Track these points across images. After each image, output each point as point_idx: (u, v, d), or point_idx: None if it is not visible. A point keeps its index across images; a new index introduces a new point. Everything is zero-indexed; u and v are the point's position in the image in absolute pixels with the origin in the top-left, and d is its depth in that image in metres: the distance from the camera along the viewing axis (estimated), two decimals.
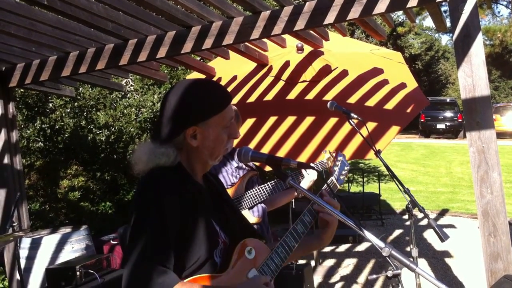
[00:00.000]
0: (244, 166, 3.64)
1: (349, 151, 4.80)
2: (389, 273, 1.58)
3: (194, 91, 1.86)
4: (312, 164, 3.81)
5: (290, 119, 5.35)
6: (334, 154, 2.50)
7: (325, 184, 2.13)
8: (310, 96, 5.32)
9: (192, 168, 1.89)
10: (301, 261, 5.51)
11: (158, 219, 1.65)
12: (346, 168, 2.45)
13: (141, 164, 1.81)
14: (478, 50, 3.55)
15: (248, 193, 3.56)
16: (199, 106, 1.82)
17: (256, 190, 3.58)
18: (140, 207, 1.72)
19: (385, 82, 5.09)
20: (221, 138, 1.87)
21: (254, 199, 3.57)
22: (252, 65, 5.61)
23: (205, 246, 1.75)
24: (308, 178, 3.65)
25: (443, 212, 10.46)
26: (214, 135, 1.84)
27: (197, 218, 1.77)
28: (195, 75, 5.90)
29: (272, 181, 3.65)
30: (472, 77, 3.57)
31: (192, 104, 1.82)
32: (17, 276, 4.60)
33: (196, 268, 1.74)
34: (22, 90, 7.44)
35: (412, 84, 5.06)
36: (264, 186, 3.60)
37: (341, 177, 2.39)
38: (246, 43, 4.89)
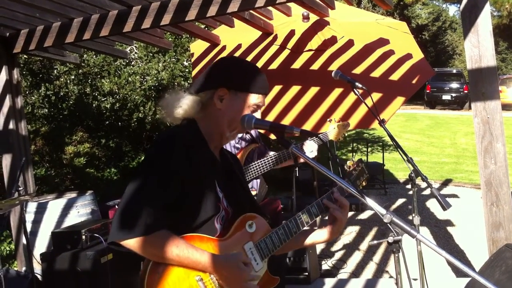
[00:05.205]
0: (247, 137, 3.67)
1: (353, 120, 4.80)
2: (390, 239, 1.61)
3: (245, 64, 2.04)
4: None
5: (295, 88, 5.34)
6: (354, 161, 2.38)
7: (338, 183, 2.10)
8: (315, 65, 5.29)
9: (210, 136, 1.93)
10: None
11: (161, 172, 1.74)
12: (365, 175, 2.37)
13: (164, 107, 1.93)
14: (485, 21, 3.52)
15: (253, 165, 3.61)
16: (241, 75, 1.93)
17: (260, 162, 3.63)
18: (149, 156, 1.83)
19: (391, 52, 5.05)
20: (242, 114, 1.90)
21: (258, 171, 3.62)
22: (257, 33, 5.56)
23: (206, 207, 1.81)
24: (308, 151, 3.60)
25: (446, 182, 10.49)
26: (238, 108, 1.91)
27: (202, 179, 1.83)
28: (199, 43, 5.87)
29: (273, 154, 3.68)
30: (478, 48, 3.55)
31: (237, 71, 1.95)
32: (23, 239, 4.67)
33: (196, 227, 1.80)
34: (26, 56, 7.42)
35: (418, 54, 5.02)
36: (267, 159, 3.63)
37: (357, 182, 2.31)
38: (251, 11, 4.84)
